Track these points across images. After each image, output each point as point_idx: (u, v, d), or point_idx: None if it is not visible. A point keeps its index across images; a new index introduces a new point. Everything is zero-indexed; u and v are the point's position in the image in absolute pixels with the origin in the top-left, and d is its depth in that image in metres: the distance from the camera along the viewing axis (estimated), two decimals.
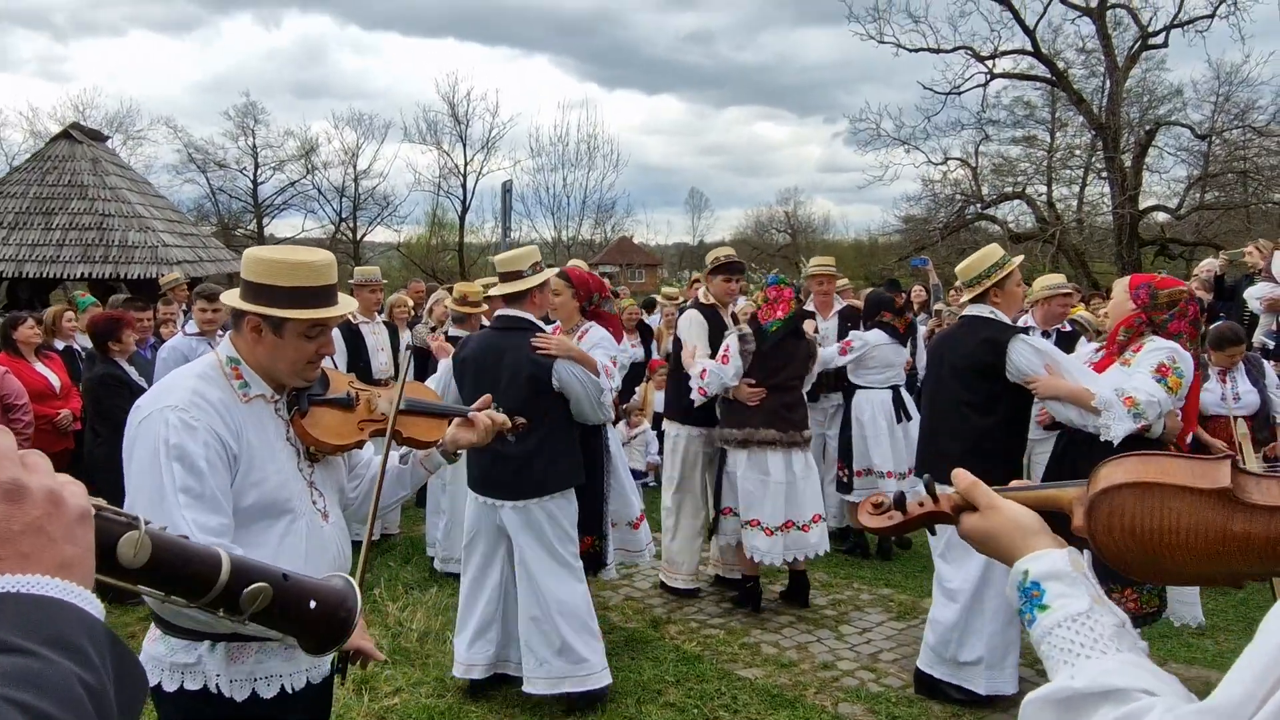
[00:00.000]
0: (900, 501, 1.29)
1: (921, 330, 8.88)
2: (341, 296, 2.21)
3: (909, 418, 6.41)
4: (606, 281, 4.87)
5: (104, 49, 55.14)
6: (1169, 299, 3.86)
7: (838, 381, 6.70)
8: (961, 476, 1.22)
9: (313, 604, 1.20)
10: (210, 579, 1.08)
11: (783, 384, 5.31)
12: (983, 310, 4.25)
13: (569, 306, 4.56)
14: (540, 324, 4.17)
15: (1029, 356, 4.02)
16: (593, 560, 4.57)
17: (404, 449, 2.51)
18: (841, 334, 6.66)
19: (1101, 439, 3.72)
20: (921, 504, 1.26)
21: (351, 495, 2.47)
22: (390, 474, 2.44)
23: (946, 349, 4.41)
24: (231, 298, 2.16)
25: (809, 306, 6.68)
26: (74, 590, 0.69)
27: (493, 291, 4.32)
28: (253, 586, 1.12)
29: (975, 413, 4.15)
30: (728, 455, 5.41)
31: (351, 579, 1.33)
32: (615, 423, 6.20)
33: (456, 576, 5.93)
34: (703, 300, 5.81)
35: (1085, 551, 1.12)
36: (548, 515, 4.14)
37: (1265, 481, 0.99)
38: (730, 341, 5.32)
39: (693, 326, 5.62)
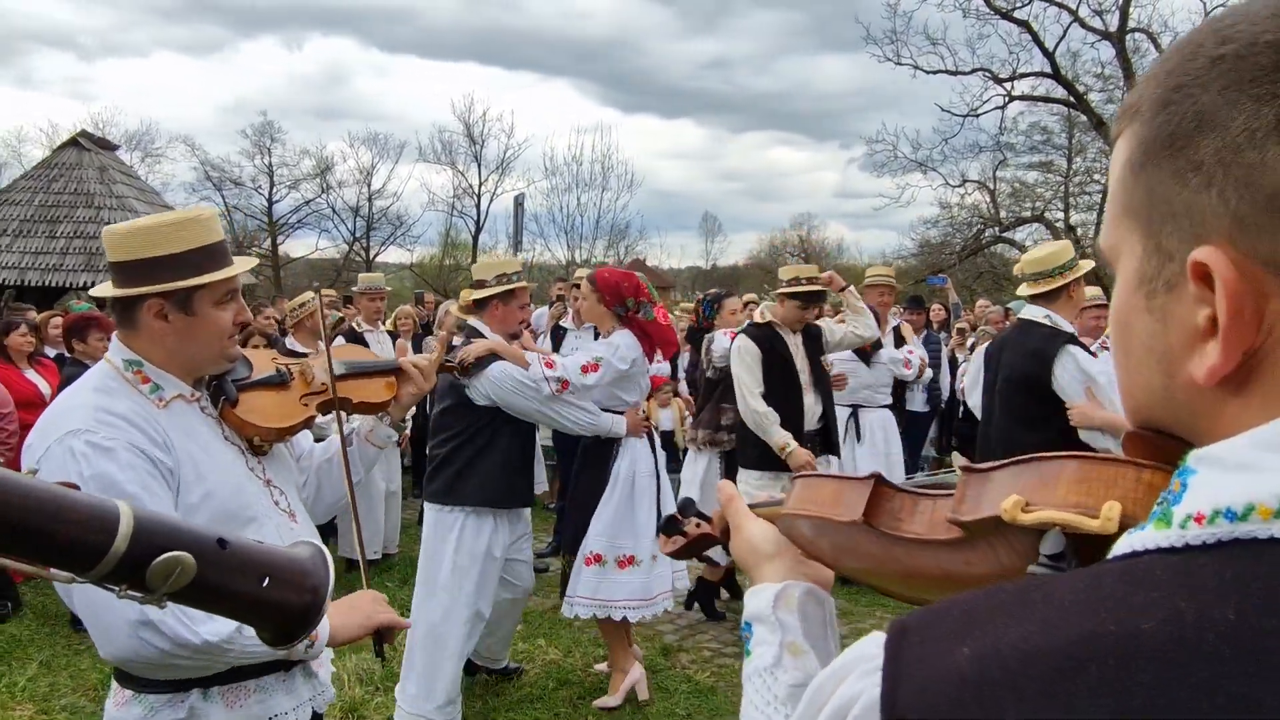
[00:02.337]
0: (672, 525, 1.23)
1: (944, 350, 8.64)
2: (236, 257, 1.89)
3: (859, 440, 6.23)
4: (645, 283, 4.30)
5: (128, 69, 55.75)
6: None
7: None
8: (722, 488, 1.11)
9: (265, 581, 0.92)
10: (98, 546, 0.78)
11: None
12: (1037, 313, 3.92)
13: (596, 310, 4.24)
14: (487, 334, 4.05)
15: (1073, 374, 3.70)
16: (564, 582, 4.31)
17: (354, 423, 2.21)
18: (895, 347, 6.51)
19: None
20: (698, 525, 1.21)
21: (302, 493, 2.15)
22: (336, 460, 2.14)
23: (1002, 356, 4.07)
24: (109, 289, 1.80)
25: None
26: None
27: (475, 295, 4.24)
28: (165, 557, 0.81)
29: (1022, 428, 3.79)
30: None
31: (323, 546, 1.05)
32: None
33: None
34: (758, 319, 5.10)
35: None
36: (447, 526, 3.97)
37: (925, 503, 0.78)
38: None
39: (744, 356, 4.90)
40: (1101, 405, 3.64)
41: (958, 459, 3.70)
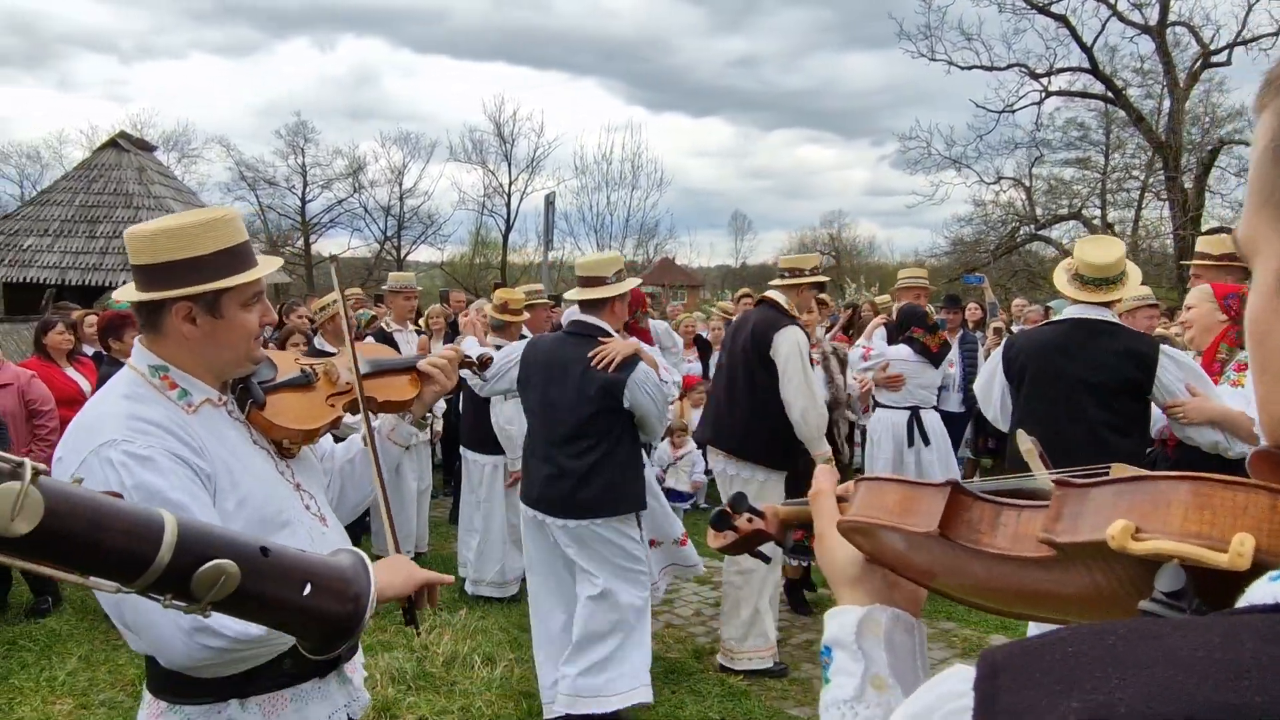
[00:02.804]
0: (724, 519, 1.17)
1: (980, 350, 8.51)
2: (260, 256, 1.84)
3: (927, 442, 6.06)
4: (647, 297, 4.71)
5: (165, 71, 56.76)
6: None
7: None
8: (818, 480, 0.98)
9: (307, 588, 0.90)
10: (143, 556, 0.77)
11: None
12: (1104, 313, 3.68)
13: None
14: (615, 335, 3.95)
15: (1174, 373, 3.49)
16: None
17: (375, 421, 2.17)
18: None
19: (1232, 455, 3.33)
20: (751, 520, 1.15)
21: (327, 494, 2.12)
22: (361, 459, 2.12)
23: (1069, 360, 3.66)
24: (133, 292, 1.75)
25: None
26: None
27: (569, 295, 4.22)
28: (209, 565, 0.80)
29: (1113, 433, 3.53)
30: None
31: (362, 553, 1.03)
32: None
33: (487, 600, 5.68)
34: (793, 311, 4.71)
35: None
36: (606, 537, 3.89)
37: (1009, 514, 0.70)
38: None
39: (805, 350, 4.54)
40: (1208, 398, 3.43)
41: (1029, 447, 3.48)
